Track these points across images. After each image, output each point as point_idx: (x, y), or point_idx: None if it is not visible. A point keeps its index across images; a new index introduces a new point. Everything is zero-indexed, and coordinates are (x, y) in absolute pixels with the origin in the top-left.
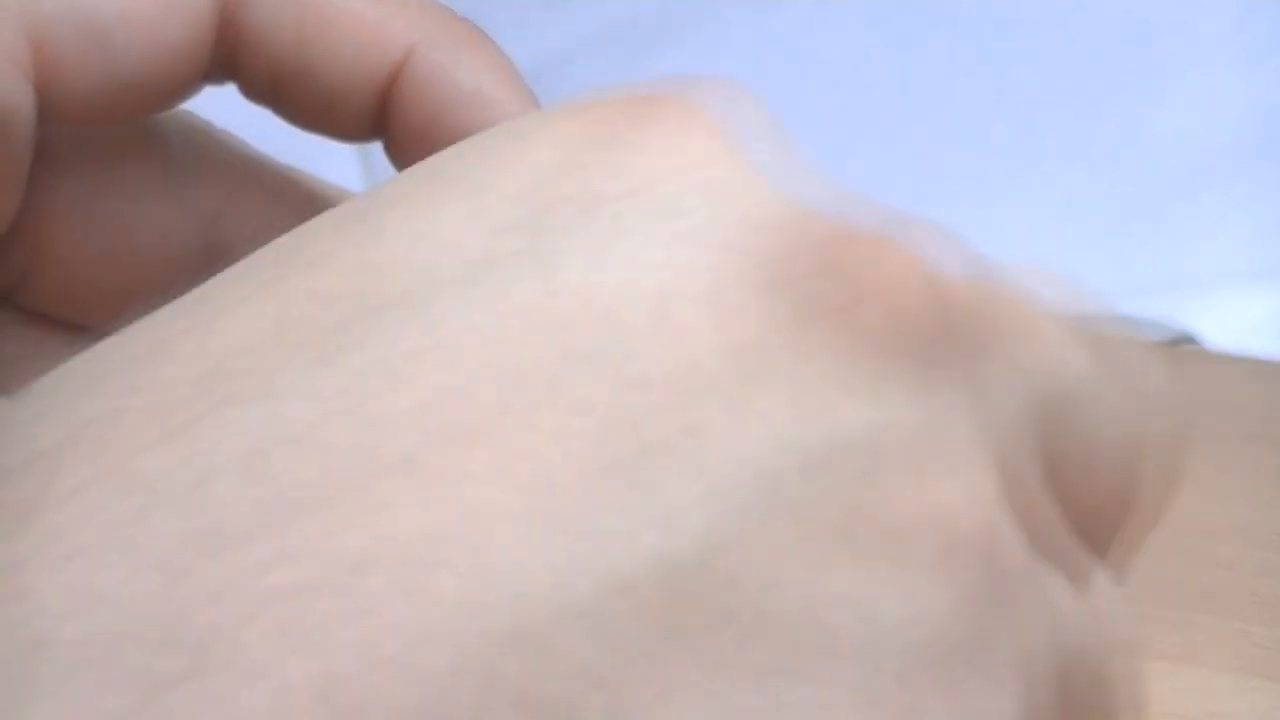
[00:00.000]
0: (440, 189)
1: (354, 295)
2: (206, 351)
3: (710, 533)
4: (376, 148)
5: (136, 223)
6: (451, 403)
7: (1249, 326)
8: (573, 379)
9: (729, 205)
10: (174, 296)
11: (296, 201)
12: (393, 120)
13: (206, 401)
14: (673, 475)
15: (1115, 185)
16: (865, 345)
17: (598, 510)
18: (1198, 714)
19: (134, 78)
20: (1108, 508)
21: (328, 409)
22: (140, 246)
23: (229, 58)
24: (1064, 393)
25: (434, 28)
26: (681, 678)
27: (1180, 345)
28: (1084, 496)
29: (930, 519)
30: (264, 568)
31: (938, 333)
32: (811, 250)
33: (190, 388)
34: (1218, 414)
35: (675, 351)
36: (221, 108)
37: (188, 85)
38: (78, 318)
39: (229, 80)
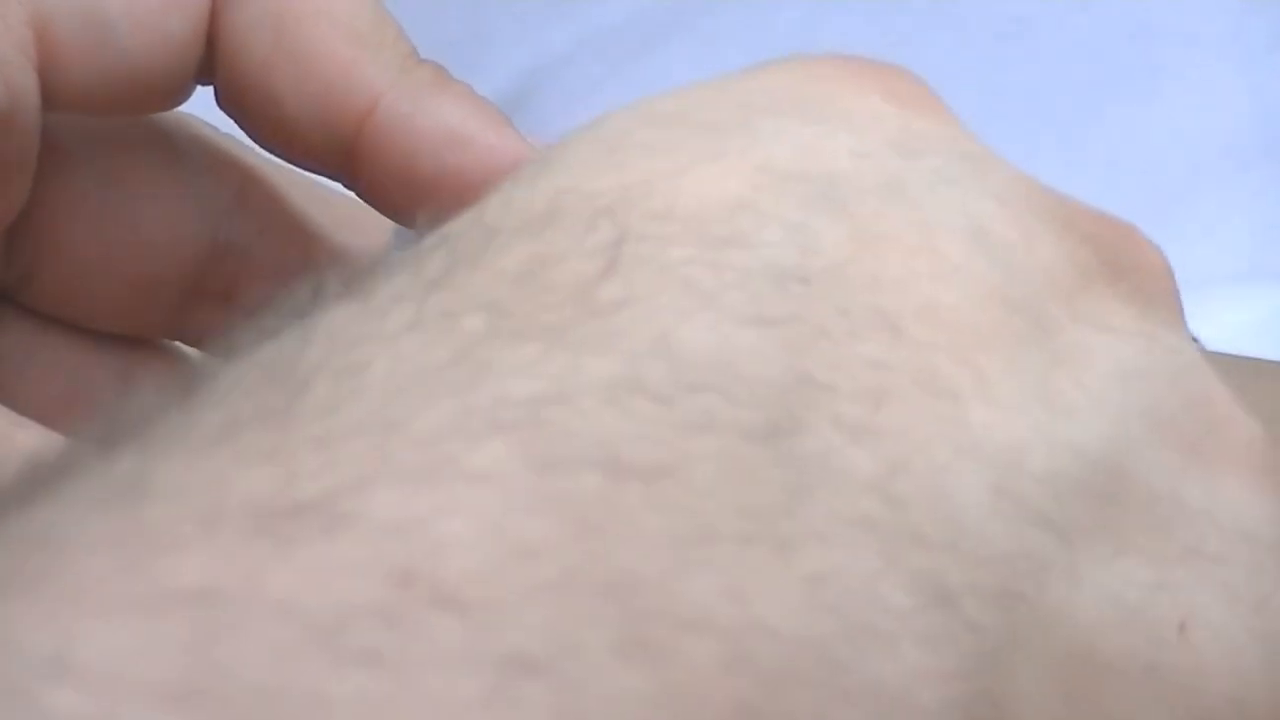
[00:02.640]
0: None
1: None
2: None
3: (1113, 434)
4: None
5: (145, 215)
6: (898, 285)
7: (1249, 327)
8: (976, 287)
9: (1010, 176)
10: (178, 290)
11: (302, 201)
12: (364, 169)
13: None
14: (1069, 384)
15: (1115, 185)
16: (1155, 306)
17: (1038, 401)
18: None
19: (135, 70)
20: None
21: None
22: (148, 240)
23: (208, 59)
24: None
25: (400, 72)
26: (1120, 544)
27: None
28: None
29: (1250, 443)
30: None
31: (1181, 308)
32: (1092, 224)
33: None
34: None
35: (1032, 280)
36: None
37: (185, 81)
38: (79, 318)
39: (209, 83)
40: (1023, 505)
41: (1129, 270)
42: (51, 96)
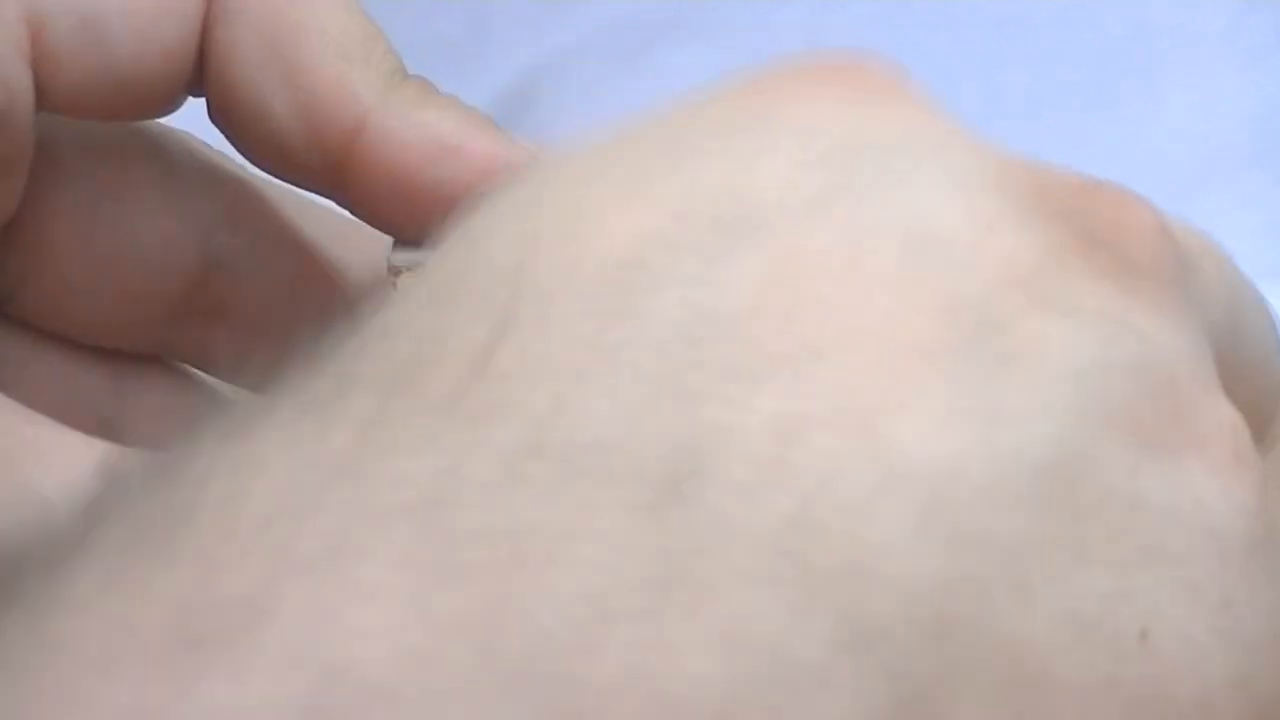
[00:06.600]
0: (739, 137)
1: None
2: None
3: (1062, 437)
4: None
5: (136, 229)
6: (819, 311)
7: None
8: (912, 297)
9: (977, 157)
10: (169, 304)
11: (293, 216)
12: (355, 185)
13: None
14: (1016, 386)
15: None
16: (1137, 276)
17: (978, 409)
18: None
19: (127, 74)
20: (1261, 409)
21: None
22: (140, 252)
23: (200, 70)
24: (1235, 306)
25: (387, 89)
26: (1076, 553)
27: None
28: (1243, 401)
29: (1220, 428)
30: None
31: (1178, 267)
32: (1068, 194)
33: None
34: None
35: (984, 273)
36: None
37: (176, 89)
38: (70, 330)
39: (200, 95)
40: (957, 524)
41: (1108, 239)
42: (44, 96)
